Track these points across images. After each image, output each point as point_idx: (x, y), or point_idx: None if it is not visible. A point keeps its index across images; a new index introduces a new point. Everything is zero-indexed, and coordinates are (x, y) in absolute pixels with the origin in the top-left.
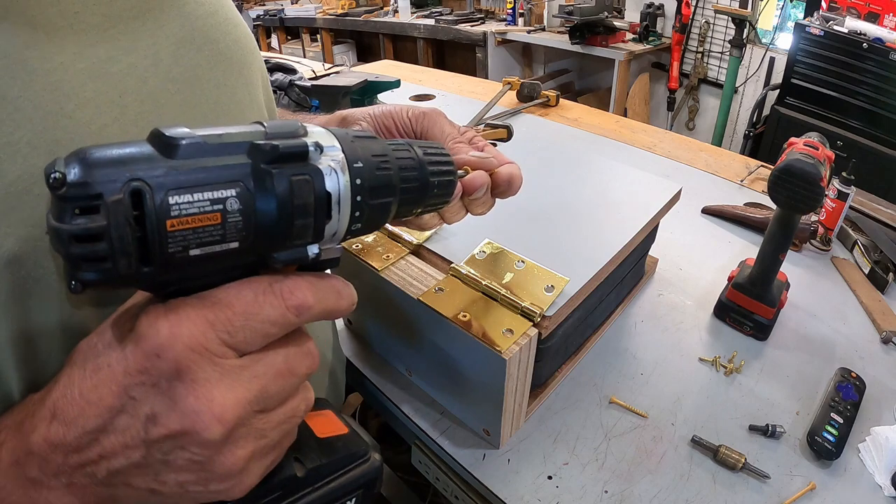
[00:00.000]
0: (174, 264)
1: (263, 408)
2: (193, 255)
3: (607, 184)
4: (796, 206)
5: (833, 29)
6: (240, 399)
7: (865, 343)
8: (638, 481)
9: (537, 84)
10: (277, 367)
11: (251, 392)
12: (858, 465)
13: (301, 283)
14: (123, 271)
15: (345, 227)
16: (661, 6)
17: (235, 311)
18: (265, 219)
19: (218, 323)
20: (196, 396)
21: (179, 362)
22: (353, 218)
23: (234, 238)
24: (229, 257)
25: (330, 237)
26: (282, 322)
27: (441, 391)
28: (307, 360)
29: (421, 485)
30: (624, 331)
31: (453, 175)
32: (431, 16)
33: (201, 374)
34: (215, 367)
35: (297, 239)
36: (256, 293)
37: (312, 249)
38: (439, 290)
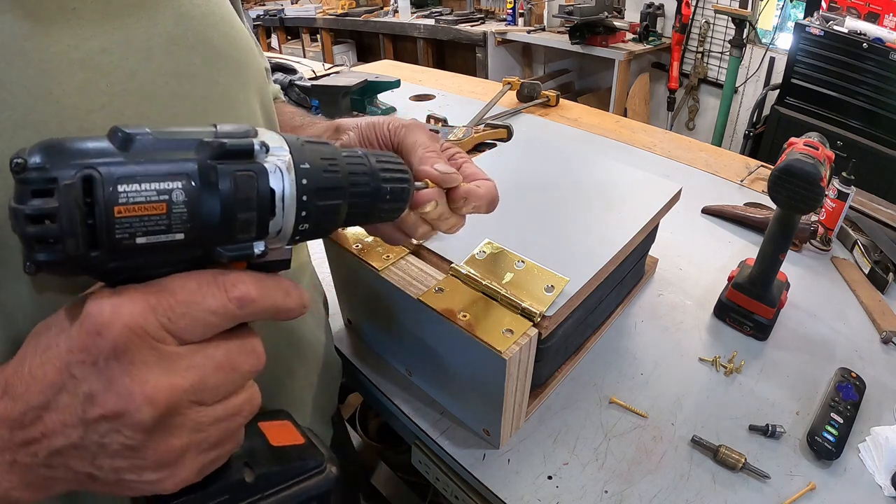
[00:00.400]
0: (121, 251)
1: (201, 399)
2: (140, 243)
3: (607, 184)
4: (796, 206)
5: (833, 29)
6: (174, 385)
7: (865, 343)
8: (638, 481)
9: (537, 84)
10: (218, 360)
11: (187, 380)
12: (858, 465)
13: (245, 277)
14: (72, 252)
15: (291, 226)
16: (661, 6)
17: (178, 298)
18: (209, 211)
19: (159, 308)
20: (131, 377)
21: (118, 342)
22: (299, 217)
23: (180, 229)
24: (175, 249)
25: (275, 235)
26: (223, 313)
27: (441, 391)
28: (250, 358)
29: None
30: (624, 331)
31: (407, 183)
32: (431, 16)
33: (138, 356)
34: (152, 351)
35: (241, 233)
36: (200, 283)
37: (258, 246)
38: (439, 290)
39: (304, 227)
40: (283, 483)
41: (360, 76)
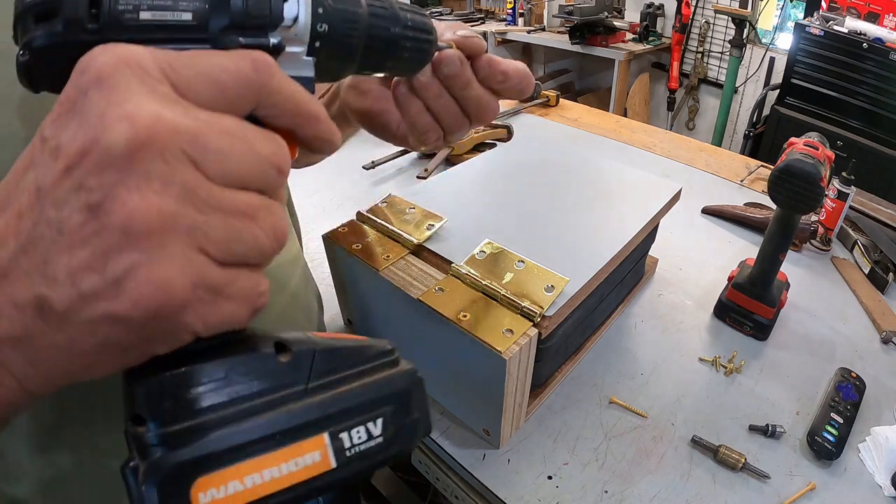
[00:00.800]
0: (122, 26)
1: (198, 159)
2: (144, 18)
3: (607, 184)
4: (796, 206)
5: (833, 29)
6: (162, 115)
7: (865, 343)
8: (638, 481)
9: (537, 84)
10: (226, 126)
11: (179, 119)
12: (858, 465)
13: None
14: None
15: (307, 18)
16: (661, 6)
17: (184, 52)
18: None
19: (161, 55)
20: (108, 101)
21: (102, 71)
22: (315, 14)
23: (187, 6)
24: (181, 31)
25: (291, 23)
26: (235, 71)
27: (441, 391)
28: (272, 146)
29: (421, 485)
30: (624, 331)
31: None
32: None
33: (123, 82)
34: (143, 83)
35: (254, 17)
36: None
37: (273, 38)
38: (439, 290)
39: (322, 29)
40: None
41: None
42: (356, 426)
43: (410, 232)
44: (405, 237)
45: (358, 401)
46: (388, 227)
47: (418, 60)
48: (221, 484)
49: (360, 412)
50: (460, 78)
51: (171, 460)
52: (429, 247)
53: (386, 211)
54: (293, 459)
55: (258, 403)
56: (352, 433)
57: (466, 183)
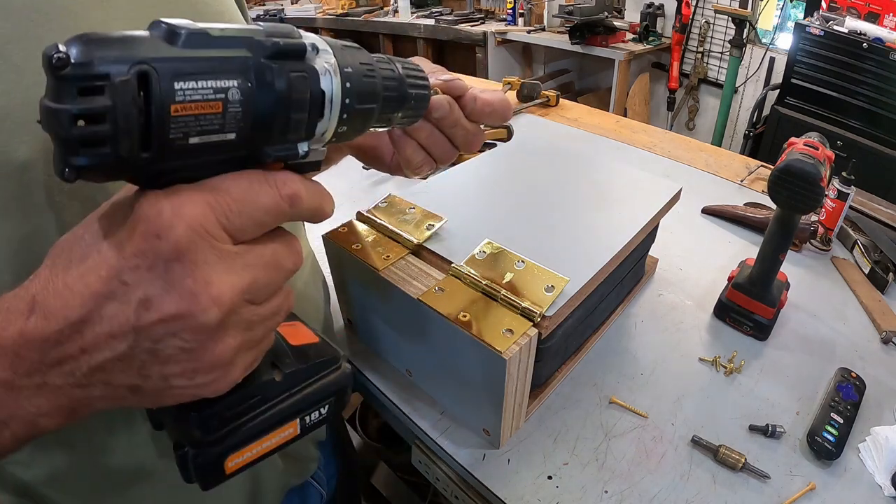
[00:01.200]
0: (173, 151)
1: (253, 299)
2: (192, 143)
3: (607, 184)
4: (796, 206)
5: (833, 29)
6: (235, 285)
7: (865, 343)
8: (638, 481)
9: (537, 84)
10: (267, 259)
11: (244, 280)
12: (858, 465)
13: (293, 177)
14: (124, 154)
15: (333, 128)
16: (661, 6)
17: (233, 196)
18: (263, 111)
19: (217, 207)
20: (194, 279)
21: (180, 243)
22: (340, 120)
23: (233, 129)
24: (224, 149)
25: (320, 136)
26: (275, 211)
27: (441, 391)
28: (293, 257)
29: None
30: (624, 331)
31: (427, 90)
32: (431, 16)
33: (201, 256)
34: (213, 251)
35: (291, 133)
36: (251, 182)
37: (303, 147)
38: (439, 290)
39: (343, 130)
40: (306, 380)
41: None
42: (315, 410)
43: (410, 232)
44: (405, 237)
45: (318, 397)
46: (388, 227)
47: (415, 119)
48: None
49: (318, 402)
50: (449, 119)
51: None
52: (429, 247)
53: (386, 211)
54: (279, 435)
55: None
56: (311, 415)
57: (466, 183)
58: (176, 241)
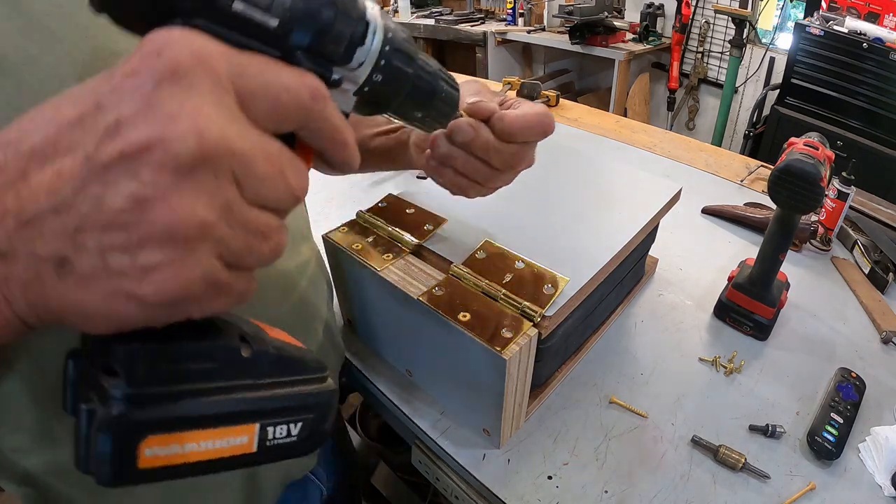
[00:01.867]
0: (215, 8)
1: (242, 181)
2: (235, 9)
3: (607, 184)
4: (796, 206)
5: (833, 29)
6: (227, 136)
7: (865, 343)
8: (638, 481)
9: (537, 84)
10: (271, 152)
11: (238, 144)
12: (858, 465)
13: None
14: None
15: (368, 70)
16: (661, 6)
17: (254, 62)
18: (312, 8)
19: (234, 58)
20: (182, 103)
21: (181, 62)
22: (376, 65)
23: (278, 13)
24: (261, 35)
25: (356, 67)
26: (295, 94)
27: (441, 391)
28: (299, 178)
29: (421, 485)
30: (624, 331)
31: (457, 92)
32: (431, 16)
33: (198, 84)
34: (215, 90)
35: (331, 45)
36: (278, 63)
37: (336, 73)
38: (439, 290)
39: (377, 79)
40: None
41: None
42: (282, 424)
43: (410, 232)
44: (405, 237)
45: (290, 403)
46: (388, 227)
47: (437, 125)
48: (165, 444)
49: (290, 413)
50: (476, 142)
51: (132, 417)
52: (429, 247)
53: (386, 211)
54: (227, 438)
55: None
56: (277, 428)
57: None
58: (176, 59)
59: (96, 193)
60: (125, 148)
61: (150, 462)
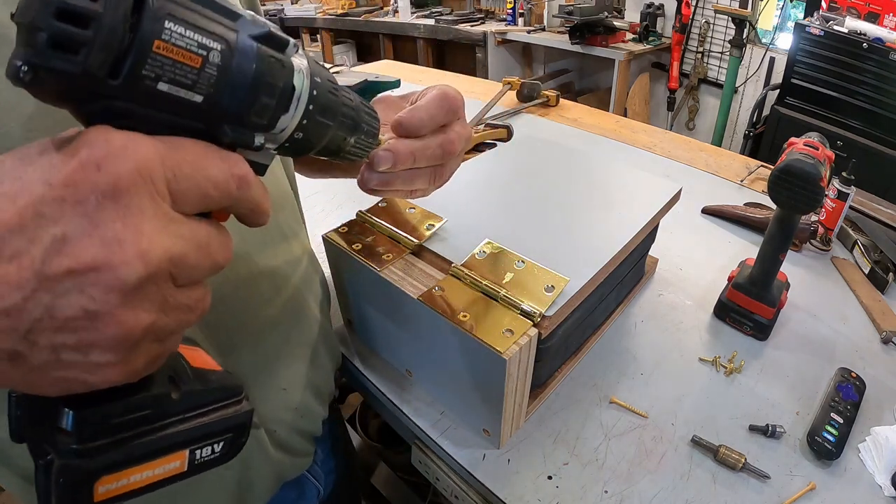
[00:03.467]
0: (139, 90)
1: (177, 276)
2: (160, 89)
3: (607, 184)
4: (796, 206)
5: (833, 29)
6: (166, 247)
7: (865, 343)
8: (638, 481)
9: (537, 84)
10: (200, 239)
11: (175, 247)
12: (858, 465)
13: (245, 162)
14: (93, 70)
15: (292, 129)
16: (661, 6)
17: (186, 156)
18: (237, 83)
19: (168, 160)
20: (125, 224)
21: (121, 180)
22: (300, 124)
23: (203, 91)
24: (186, 111)
25: (278, 132)
26: (223, 186)
27: (441, 391)
28: (224, 250)
29: (421, 485)
30: (624, 331)
31: (377, 126)
32: (431, 16)
33: (138, 202)
34: (152, 203)
35: (254, 116)
36: (207, 150)
37: (259, 139)
38: (439, 290)
39: (298, 136)
40: (204, 406)
41: (360, 76)
42: (207, 446)
43: (410, 232)
44: (405, 237)
45: (213, 429)
46: (388, 227)
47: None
48: (115, 481)
49: (213, 437)
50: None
51: (85, 467)
52: (429, 247)
53: (386, 211)
54: (163, 466)
55: (150, 428)
56: (203, 450)
57: (466, 183)
58: (116, 177)
59: (47, 303)
60: (73, 266)
61: (104, 495)
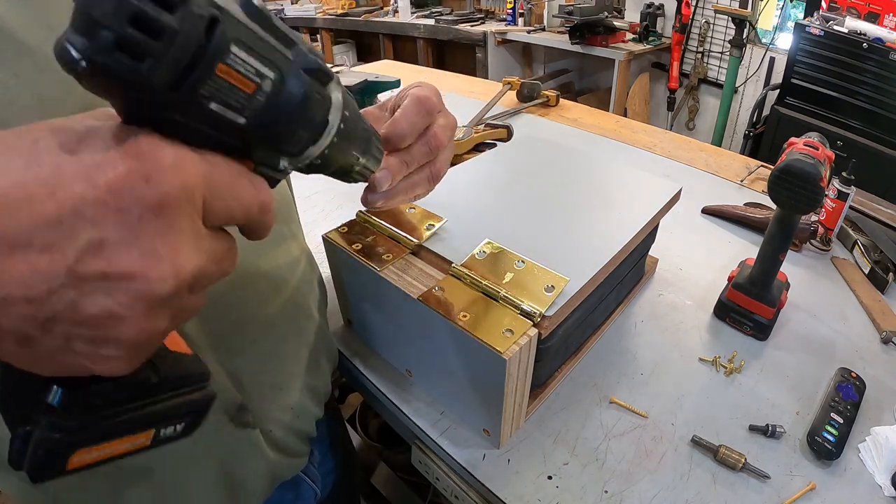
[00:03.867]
0: (193, 106)
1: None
2: (212, 109)
3: (607, 184)
4: (796, 206)
5: (833, 29)
6: (195, 265)
7: (865, 343)
8: (638, 481)
9: (537, 84)
10: (219, 253)
11: (201, 263)
12: (858, 465)
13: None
14: (155, 80)
15: (313, 157)
16: (661, 6)
17: (223, 177)
18: (281, 113)
19: (209, 179)
20: (164, 241)
21: (167, 197)
22: (321, 153)
23: (248, 115)
24: (228, 130)
25: (303, 159)
26: (247, 210)
27: (441, 391)
28: (233, 260)
29: (421, 485)
30: (624, 331)
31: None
32: (431, 16)
33: (180, 221)
34: (191, 221)
35: (287, 145)
36: (240, 173)
37: (283, 163)
38: (439, 290)
39: (317, 162)
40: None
41: (360, 76)
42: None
43: (410, 232)
44: (405, 237)
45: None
46: (387, 227)
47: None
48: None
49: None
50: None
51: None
52: (429, 247)
53: (386, 211)
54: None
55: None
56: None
57: (466, 183)
58: (164, 194)
59: (71, 298)
60: (107, 270)
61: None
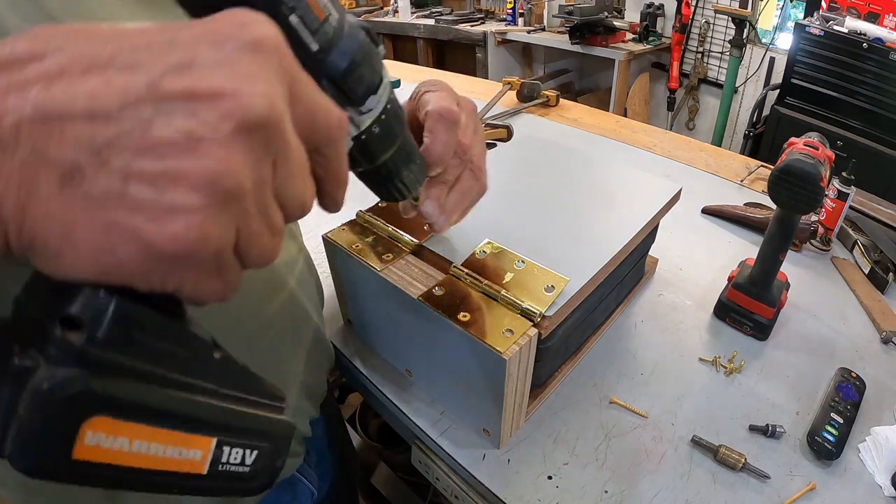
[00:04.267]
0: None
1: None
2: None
3: (607, 184)
4: (796, 206)
5: (833, 29)
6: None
7: (865, 343)
8: (638, 481)
9: (537, 84)
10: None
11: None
12: (858, 465)
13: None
14: None
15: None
16: (661, 6)
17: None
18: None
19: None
20: (260, 71)
21: (263, 41)
22: (377, 118)
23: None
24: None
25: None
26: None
27: (441, 391)
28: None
29: (421, 485)
30: (624, 331)
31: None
32: (431, 16)
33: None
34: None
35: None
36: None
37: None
38: (439, 290)
39: (375, 130)
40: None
41: None
42: (238, 447)
43: (410, 232)
44: (405, 237)
45: (250, 425)
46: (388, 226)
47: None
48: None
49: (248, 437)
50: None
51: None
52: (429, 247)
53: (386, 211)
54: (180, 447)
55: (181, 379)
56: (233, 450)
57: None
58: (260, 36)
59: (146, 116)
60: (195, 87)
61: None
